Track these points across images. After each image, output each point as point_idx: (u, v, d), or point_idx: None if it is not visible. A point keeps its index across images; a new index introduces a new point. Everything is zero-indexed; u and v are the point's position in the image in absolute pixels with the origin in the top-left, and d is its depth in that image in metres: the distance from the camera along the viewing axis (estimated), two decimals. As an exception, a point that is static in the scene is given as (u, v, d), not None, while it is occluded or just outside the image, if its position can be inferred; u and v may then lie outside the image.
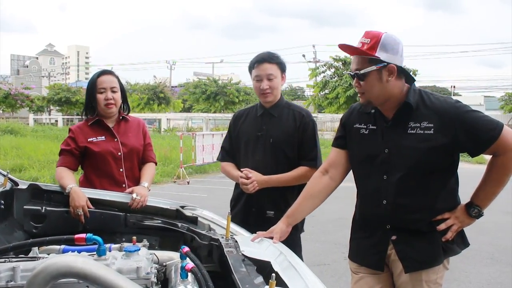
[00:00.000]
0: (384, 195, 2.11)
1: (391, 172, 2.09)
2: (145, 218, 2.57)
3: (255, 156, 2.91)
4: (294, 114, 2.93)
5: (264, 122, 2.94)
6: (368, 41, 2.01)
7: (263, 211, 2.87)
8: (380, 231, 2.15)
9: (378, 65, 2.00)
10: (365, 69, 2.02)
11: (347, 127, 2.30)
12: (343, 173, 2.33)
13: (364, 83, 2.06)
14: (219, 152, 3.19)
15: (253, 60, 2.91)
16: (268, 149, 2.89)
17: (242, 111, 3.15)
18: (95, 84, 2.89)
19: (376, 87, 2.04)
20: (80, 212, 2.48)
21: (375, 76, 2.03)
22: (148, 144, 3.07)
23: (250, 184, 2.78)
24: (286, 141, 2.88)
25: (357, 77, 2.06)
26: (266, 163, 2.87)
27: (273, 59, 2.88)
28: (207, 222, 2.51)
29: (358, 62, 2.06)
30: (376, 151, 2.13)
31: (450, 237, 2.07)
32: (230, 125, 3.14)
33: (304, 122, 2.91)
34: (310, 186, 2.35)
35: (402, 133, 2.06)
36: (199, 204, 7.08)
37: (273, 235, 2.23)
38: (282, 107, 2.96)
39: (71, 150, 2.83)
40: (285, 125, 2.90)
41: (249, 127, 2.99)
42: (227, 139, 3.13)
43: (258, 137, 2.92)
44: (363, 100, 2.12)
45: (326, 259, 5.47)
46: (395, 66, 2.02)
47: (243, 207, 2.93)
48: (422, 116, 2.03)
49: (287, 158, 2.88)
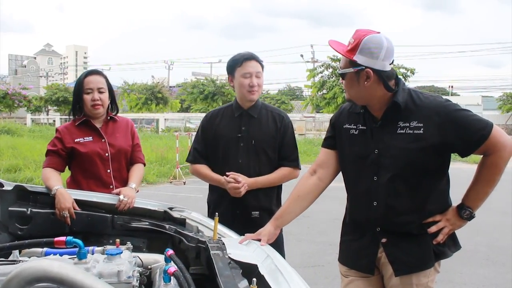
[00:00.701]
0: (374, 196, 2.08)
1: (381, 173, 2.05)
2: (133, 220, 2.53)
3: (238, 158, 2.88)
4: (274, 116, 2.94)
5: (243, 123, 2.91)
6: (353, 41, 1.98)
7: (248, 212, 2.86)
8: (370, 234, 2.12)
9: (355, 68, 1.98)
10: (343, 69, 2.03)
11: (337, 127, 2.27)
12: (332, 173, 2.30)
13: (344, 82, 2.08)
14: (190, 153, 3.09)
15: (238, 58, 2.88)
16: (251, 151, 2.87)
17: (216, 111, 3.07)
18: (82, 84, 2.85)
19: (353, 88, 2.04)
20: (65, 214, 2.44)
21: (353, 77, 2.02)
22: (137, 145, 3.03)
23: (242, 187, 2.75)
24: (268, 142, 2.88)
25: (340, 75, 2.07)
26: (250, 165, 2.86)
27: (259, 59, 2.90)
28: (195, 224, 2.48)
29: (342, 60, 2.06)
30: (365, 152, 2.10)
31: (441, 240, 2.03)
32: (203, 125, 3.05)
33: (285, 124, 2.94)
34: (299, 187, 2.32)
35: (392, 133, 2.03)
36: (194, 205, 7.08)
37: (261, 237, 2.20)
38: (260, 108, 2.96)
39: (57, 151, 2.79)
40: (265, 126, 2.90)
41: (226, 128, 2.94)
42: (200, 139, 3.04)
43: (238, 138, 2.90)
44: (346, 97, 2.14)
45: (320, 261, 5.44)
46: (372, 71, 1.97)
47: (227, 211, 2.87)
48: (412, 115, 2.00)
49: (269, 159, 2.89)
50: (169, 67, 58.61)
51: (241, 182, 2.75)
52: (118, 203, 2.53)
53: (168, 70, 58.71)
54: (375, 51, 1.96)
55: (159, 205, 2.58)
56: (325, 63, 32.42)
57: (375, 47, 1.95)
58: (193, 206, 9.55)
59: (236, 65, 2.88)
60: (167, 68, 58.74)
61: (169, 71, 58.58)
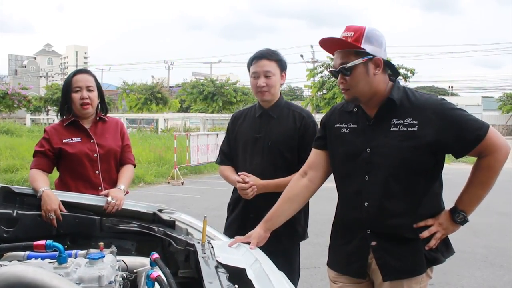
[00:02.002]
0: (366, 197, 2.01)
1: (373, 172, 1.99)
2: (121, 222, 2.48)
3: (253, 160, 2.79)
4: (294, 115, 2.80)
5: (262, 124, 2.82)
6: (351, 34, 1.92)
7: (261, 217, 2.74)
8: (360, 236, 2.05)
9: (365, 57, 1.92)
10: (352, 62, 1.93)
11: (327, 127, 2.21)
12: (323, 175, 2.24)
13: (350, 78, 1.96)
14: (218, 155, 3.06)
15: (251, 57, 2.80)
16: (266, 152, 2.77)
17: (241, 112, 3.01)
18: (70, 83, 2.80)
19: (363, 81, 1.95)
20: (52, 216, 2.39)
21: (361, 69, 1.94)
22: (127, 146, 2.98)
23: (249, 188, 2.67)
24: (285, 143, 2.75)
25: (342, 72, 1.97)
26: (264, 166, 2.75)
27: (272, 56, 2.76)
28: (185, 226, 2.44)
29: (342, 56, 1.97)
30: (356, 150, 2.04)
31: (433, 245, 1.97)
32: (228, 127, 3.02)
33: (305, 123, 2.77)
34: (289, 189, 2.27)
35: (385, 131, 1.97)
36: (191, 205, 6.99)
37: (250, 240, 2.15)
38: (281, 108, 2.83)
39: (45, 151, 2.75)
40: (284, 126, 2.78)
41: (247, 129, 2.87)
42: (226, 141, 3.01)
43: (256, 139, 2.80)
44: (349, 96, 2.03)
45: (316, 262, 5.38)
46: (381, 59, 1.95)
47: (241, 213, 2.82)
48: (406, 112, 1.94)
49: (286, 161, 2.75)
50: (169, 67, 58.57)
51: (248, 183, 2.67)
52: (106, 205, 2.48)
53: (168, 70, 58.69)
54: (380, 39, 1.95)
55: (148, 207, 2.53)
56: (325, 63, 32.40)
57: (379, 35, 1.95)
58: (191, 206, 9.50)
59: (249, 65, 2.82)
60: (167, 68, 58.72)
61: (169, 71, 58.57)
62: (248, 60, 2.82)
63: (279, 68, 2.77)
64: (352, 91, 1.99)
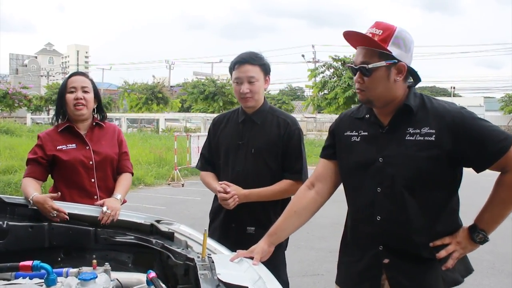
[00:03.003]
0: (378, 210, 1.87)
1: (386, 183, 1.85)
2: (117, 233, 2.37)
3: (236, 167, 2.67)
4: (279, 121, 2.68)
5: (245, 130, 2.70)
6: (380, 32, 1.78)
7: (243, 227, 2.65)
8: (372, 253, 1.91)
9: (389, 61, 1.78)
10: (374, 63, 1.79)
11: (336, 135, 2.08)
12: (331, 187, 2.11)
13: (368, 79, 1.83)
14: (198, 160, 2.95)
15: (233, 61, 2.65)
16: (249, 159, 2.64)
17: (222, 116, 2.87)
18: (65, 85, 2.69)
19: (382, 85, 1.82)
20: (54, 214, 2.30)
21: (383, 73, 1.80)
22: (125, 153, 2.85)
23: (230, 199, 2.55)
24: (269, 150, 2.64)
25: (362, 71, 1.83)
26: (247, 174, 2.63)
27: (256, 60, 2.62)
28: (184, 239, 2.31)
29: (365, 54, 1.82)
30: (368, 160, 1.90)
31: (451, 265, 1.82)
32: (209, 131, 2.89)
33: (289, 130, 2.65)
34: (294, 201, 2.14)
35: (399, 140, 1.84)
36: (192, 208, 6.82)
37: (254, 255, 2.02)
38: (265, 113, 2.71)
39: (37, 159, 2.62)
40: (268, 133, 2.66)
41: (229, 135, 2.74)
42: (207, 145, 2.89)
43: (238, 146, 2.68)
44: (363, 97, 1.89)
45: (319, 269, 5.26)
46: (405, 65, 1.81)
47: (222, 222, 2.71)
48: (423, 121, 1.81)
49: (269, 169, 2.64)
50: (170, 66, 58.47)
51: (230, 192, 2.55)
52: (101, 215, 2.36)
53: (169, 70, 58.58)
54: (408, 43, 1.81)
55: (145, 218, 2.41)
56: (327, 63, 32.32)
57: (409, 39, 1.82)
58: (191, 209, 9.36)
59: (231, 69, 2.68)
60: (168, 68, 58.61)
61: (170, 70, 58.43)
62: (230, 64, 2.69)
63: (262, 72, 2.65)
64: (368, 93, 1.86)
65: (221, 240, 2.36)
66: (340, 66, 31.71)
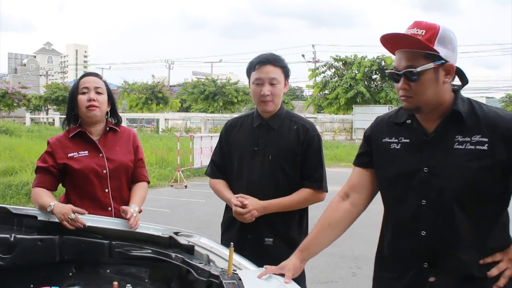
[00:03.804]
0: (422, 224, 1.72)
1: (432, 195, 1.70)
2: (133, 247, 2.20)
3: (251, 175, 2.50)
4: (297, 127, 2.51)
5: (261, 135, 2.52)
6: (423, 32, 1.63)
7: (260, 239, 2.47)
8: (415, 270, 1.75)
9: (436, 62, 1.63)
10: (422, 66, 1.63)
11: (373, 142, 1.91)
12: (368, 198, 1.95)
13: (416, 84, 1.66)
14: (208, 166, 2.77)
15: (254, 61, 2.48)
16: (266, 166, 2.48)
17: (236, 120, 2.70)
18: (77, 85, 2.49)
19: (431, 89, 1.66)
20: (73, 216, 2.15)
21: (431, 75, 1.65)
22: (140, 161, 2.64)
23: (247, 214, 2.38)
24: (287, 158, 2.48)
25: (407, 77, 1.67)
26: (264, 183, 2.47)
27: (278, 62, 2.47)
28: (205, 252, 2.15)
29: (409, 57, 1.66)
30: (411, 170, 1.74)
31: (502, 284, 1.66)
32: (221, 136, 2.71)
33: (309, 137, 2.50)
34: (328, 213, 1.97)
35: (447, 148, 1.68)
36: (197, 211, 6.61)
37: (285, 272, 1.85)
38: (282, 118, 2.54)
39: (48, 167, 2.43)
40: (286, 139, 2.50)
41: (243, 140, 2.57)
42: (218, 151, 2.70)
43: (254, 152, 2.51)
44: (410, 105, 1.72)
45: (332, 275, 5.09)
46: (454, 65, 1.67)
47: (237, 234, 2.52)
48: (473, 128, 1.66)
49: (287, 178, 2.48)
50: (169, 66, 58.31)
51: (247, 207, 2.38)
52: (130, 214, 2.24)
53: (168, 69, 58.40)
54: (454, 42, 1.67)
55: (163, 230, 2.25)
56: (328, 62, 32.22)
57: (454, 38, 1.67)
58: (196, 212, 9.18)
59: (250, 69, 2.50)
60: (168, 68, 58.43)
61: (169, 70, 58.28)
62: (249, 64, 2.51)
63: (283, 75, 2.48)
64: (415, 99, 1.69)
65: (236, 252, 2.21)
66: (341, 66, 31.65)
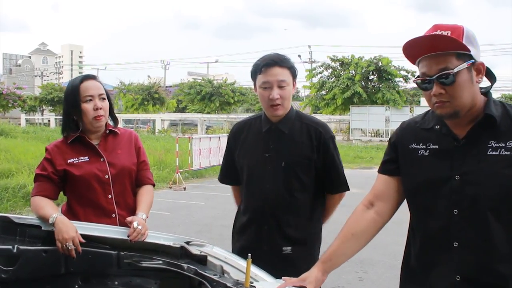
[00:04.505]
0: (455, 236, 1.61)
1: (464, 205, 1.60)
2: (143, 257, 2.09)
3: (264, 184, 2.35)
4: (309, 130, 2.37)
5: (271, 140, 2.37)
6: (448, 33, 1.53)
7: (278, 248, 2.34)
8: (447, 284, 1.64)
9: (468, 61, 1.54)
10: (458, 67, 1.53)
11: (400, 148, 1.80)
12: (393, 206, 1.84)
13: (452, 88, 1.55)
14: (220, 172, 2.69)
15: (259, 63, 2.31)
16: (279, 174, 2.33)
17: (243, 124, 2.54)
18: (77, 91, 2.32)
19: (467, 91, 1.56)
20: (70, 246, 2.00)
21: (466, 76, 1.55)
22: (143, 163, 2.50)
23: None
24: (301, 163, 2.34)
25: (441, 81, 1.56)
26: (278, 192, 2.33)
27: (285, 62, 2.31)
28: (219, 263, 2.03)
29: (441, 60, 1.55)
30: (441, 177, 1.64)
31: None
32: (228, 140, 2.58)
33: (324, 140, 2.36)
34: (351, 223, 1.86)
35: (480, 155, 1.58)
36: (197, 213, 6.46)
37: (306, 284, 1.75)
38: (293, 121, 2.39)
39: (48, 175, 2.29)
40: (298, 143, 2.35)
41: (252, 147, 2.42)
42: (228, 157, 2.58)
43: (265, 159, 2.36)
44: (447, 110, 1.60)
45: (339, 281, 4.97)
46: (484, 63, 1.59)
47: (251, 243, 2.38)
48: (508, 133, 1.56)
49: (302, 185, 2.34)
50: (165, 67, 58.05)
51: None
52: (132, 230, 2.09)
53: (164, 70, 58.16)
54: (477, 40, 1.60)
55: (174, 239, 2.13)
56: (325, 63, 32.14)
57: (475, 35, 1.60)
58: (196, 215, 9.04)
59: (256, 72, 2.34)
60: (163, 68, 58.18)
61: (165, 71, 58.02)
62: (253, 66, 2.35)
63: (291, 76, 2.34)
64: (453, 104, 1.58)
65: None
66: (338, 67, 31.59)
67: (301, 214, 2.37)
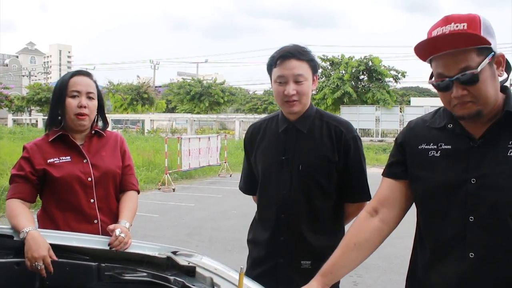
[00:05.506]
0: (471, 245, 1.47)
1: (481, 211, 1.45)
2: (126, 269, 1.92)
3: (280, 189, 2.14)
4: (330, 130, 2.14)
5: (289, 141, 2.15)
6: (464, 26, 1.38)
7: (295, 262, 2.12)
8: None
9: (489, 56, 1.39)
10: (481, 64, 1.39)
11: (408, 149, 1.65)
12: (400, 213, 1.68)
13: (476, 87, 1.41)
14: (240, 179, 2.47)
15: (275, 55, 2.10)
16: (296, 178, 2.12)
17: (258, 125, 2.32)
18: (66, 86, 2.16)
19: (491, 88, 1.42)
20: (39, 266, 1.82)
21: (489, 72, 1.41)
22: (128, 167, 2.34)
23: None
24: (320, 166, 2.11)
25: (465, 81, 1.41)
26: (295, 198, 2.11)
27: (303, 55, 2.07)
28: (209, 274, 1.87)
29: (461, 58, 1.40)
30: (455, 181, 1.50)
31: None
32: (245, 143, 2.38)
33: (345, 141, 2.12)
34: (353, 232, 1.70)
35: (499, 156, 1.44)
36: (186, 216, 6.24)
37: (303, 299, 1.59)
38: (312, 119, 2.16)
39: (25, 175, 2.12)
40: (318, 144, 2.13)
41: (268, 149, 2.21)
42: (245, 163, 2.39)
43: (282, 162, 2.14)
44: (469, 111, 1.46)
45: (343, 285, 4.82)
46: (504, 54, 1.45)
47: (268, 255, 2.17)
48: None
49: (321, 189, 2.12)
50: (154, 66, 57.70)
51: None
52: (113, 238, 1.91)
53: (153, 70, 57.80)
54: (493, 29, 1.45)
55: (159, 249, 1.96)
56: (316, 63, 32.07)
57: (491, 24, 1.45)
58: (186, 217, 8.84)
59: (271, 65, 2.12)
60: (153, 68, 57.81)
61: (154, 71, 57.66)
62: (269, 59, 2.14)
63: (311, 70, 2.09)
64: (478, 103, 1.43)
65: (264, 278, 1.96)
66: (328, 66, 31.56)
67: (322, 225, 2.15)
